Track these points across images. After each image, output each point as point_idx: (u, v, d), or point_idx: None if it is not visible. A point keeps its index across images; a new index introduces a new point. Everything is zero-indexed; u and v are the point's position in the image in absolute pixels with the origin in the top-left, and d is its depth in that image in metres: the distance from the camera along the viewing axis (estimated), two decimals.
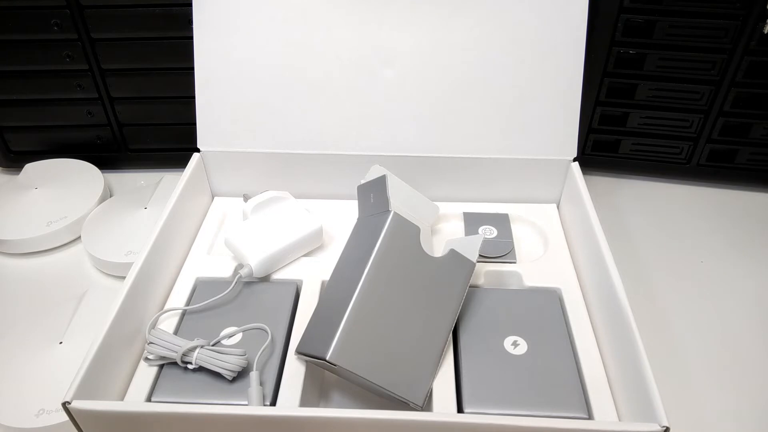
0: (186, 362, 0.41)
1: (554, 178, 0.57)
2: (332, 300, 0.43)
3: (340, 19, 0.54)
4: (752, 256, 0.60)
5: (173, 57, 0.63)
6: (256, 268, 0.48)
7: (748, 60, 0.59)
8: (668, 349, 0.51)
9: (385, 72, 0.55)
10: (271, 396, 0.40)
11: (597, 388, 0.41)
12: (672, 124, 0.65)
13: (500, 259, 0.52)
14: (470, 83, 0.54)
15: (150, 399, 0.41)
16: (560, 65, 0.54)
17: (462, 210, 0.57)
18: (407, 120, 0.55)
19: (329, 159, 0.57)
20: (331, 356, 0.38)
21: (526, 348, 0.43)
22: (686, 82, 0.62)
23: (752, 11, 0.56)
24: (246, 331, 0.45)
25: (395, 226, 0.43)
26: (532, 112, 0.55)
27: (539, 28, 0.53)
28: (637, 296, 0.55)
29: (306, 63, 0.54)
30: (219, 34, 0.54)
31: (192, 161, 0.56)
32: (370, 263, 0.41)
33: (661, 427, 0.34)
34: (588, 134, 0.67)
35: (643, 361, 0.37)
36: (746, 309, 0.55)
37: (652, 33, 0.59)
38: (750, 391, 0.48)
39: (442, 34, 0.54)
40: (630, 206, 0.67)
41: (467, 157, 0.56)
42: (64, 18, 0.61)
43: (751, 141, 0.64)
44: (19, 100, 0.66)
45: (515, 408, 0.39)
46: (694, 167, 0.67)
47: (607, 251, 0.45)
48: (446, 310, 0.43)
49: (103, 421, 0.36)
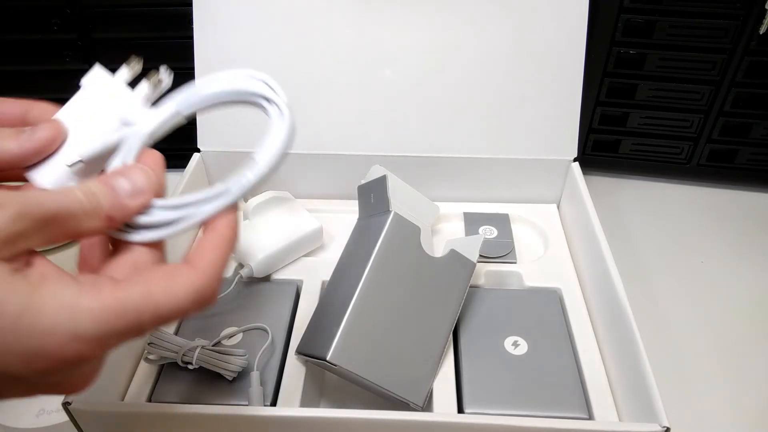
0: (186, 362, 0.41)
1: (554, 178, 0.57)
2: (332, 300, 0.43)
3: (340, 19, 0.53)
4: (752, 256, 0.60)
5: (173, 57, 0.63)
6: (257, 268, 0.48)
7: (748, 60, 0.59)
8: (668, 349, 0.51)
9: (385, 72, 0.54)
10: (271, 396, 0.40)
11: (597, 388, 0.41)
12: (672, 124, 0.65)
13: (500, 259, 0.52)
14: (470, 83, 0.54)
15: (150, 399, 0.41)
16: (560, 65, 0.54)
17: (462, 210, 0.57)
18: (407, 120, 0.55)
19: (329, 159, 0.57)
20: (332, 356, 0.38)
21: (526, 348, 0.43)
22: (686, 82, 0.62)
23: (752, 11, 0.56)
24: (246, 331, 0.45)
25: (395, 226, 0.43)
26: (532, 112, 0.55)
27: (539, 28, 0.53)
28: (637, 296, 0.55)
29: (306, 63, 0.54)
30: (219, 34, 0.54)
31: (192, 161, 0.56)
32: (370, 263, 0.41)
33: (662, 427, 0.34)
34: (588, 134, 0.67)
35: (644, 361, 0.37)
36: (746, 309, 0.55)
37: (652, 33, 0.59)
38: (750, 391, 0.48)
39: (442, 34, 0.54)
40: (630, 206, 0.67)
41: (467, 157, 0.56)
42: (64, 18, 0.61)
43: (751, 141, 0.64)
44: None
45: (515, 408, 0.39)
46: (694, 167, 0.67)
47: (607, 251, 0.45)
48: (446, 310, 0.43)
49: (103, 421, 0.36)
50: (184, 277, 0.24)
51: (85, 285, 0.22)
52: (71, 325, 0.21)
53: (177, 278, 0.24)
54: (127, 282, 0.23)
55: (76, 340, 0.21)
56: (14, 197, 0.22)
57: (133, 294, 0.23)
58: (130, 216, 0.26)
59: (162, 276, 0.24)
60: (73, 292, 0.22)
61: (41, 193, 0.23)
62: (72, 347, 0.21)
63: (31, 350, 0.21)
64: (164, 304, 0.23)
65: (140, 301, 0.23)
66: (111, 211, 0.25)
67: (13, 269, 0.22)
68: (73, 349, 0.22)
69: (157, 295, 0.23)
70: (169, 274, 0.24)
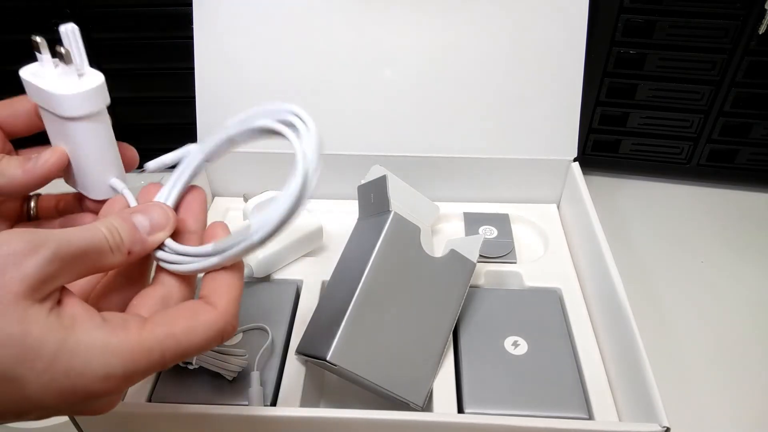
0: (186, 362, 0.41)
1: (554, 178, 0.57)
2: (333, 300, 0.43)
3: (340, 19, 0.53)
4: (752, 256, 0.60)
5: (173, 57, 0.63)
6: (257, 268, 0.48)
7: (748, 60, 0.59)
8: (668, 349, 0.51)
9: (385, 72, 0.54)
10: (271, 396, 0.40)
11: (597, 388, 0.41)
12: (672, 124, 0.65)
13: (500, 259, 0.52)
14: (470, 83, 0.54)
15: (150, 399, 0.41)
16: (560, 65, 0.54)
17: (462, 210, 0.57)
18: (407, 120, 0.55)
19: (329, 159, 0.56)
20: (332, 356, 0.38)
21: (526, 348, 0.43)
22: (686, 82, 0.62)
23: (752, 11, 0.56)
24: (246, 331, 0.45)
25: (395, 226, 0.43)
26: (532, 112, 0.55)
27: (539, 28, 0.53)
28: (637, 296, 0.55)
29: (306, 63, 0.54)
30: (219, 34, 0.54)
31: None
32: (370, 263, 0.41)
33: (662, 427, 0.34)
34: (588, 134, 0.67)
35: (644, 361, 0.37)
36: (746, 309, 0.55)
37: (652, 33, 0.59)
38: (750, 391, 0.48)
39: (442, 34, 0.54)
40: (630, 206, 0.67)
41: (467, 157, 0.56)
42: (64, 18, 0.60)
43: (752, 141, 0.64)
44: None
45: (515, 408, 0.39)
46: (694, 167, 0.67)
47: (607, 251, 0.45)
48: (446, 310, 0.43)
49: (103, 421, 0.36)
50: (205, 317, 0.27)
51: (114, 326, 0.25)
52: (102, 366, 0.24)
53: (200, 318, 0.27)
54: (152, 323, 0.26)
55: (106, 380, 0.24)
56: (49, 237, 0.23)
57: (159, 335, 0.25)
58: (148, 251, 0.28)
59: (186, 317, 0.26)
60: (104, 334, 0.24)
61: (69, 231, 0.25)
62: (101, 385, 0.24)
63: (65, 388, 0.23)
64: (187, 343, 0.26)
65: (164, 341, 0.25)
66: (132, 246, 0.27)
67: (48, 310, 0.23)
68: (103, 386, 0.24)
69: (179, 336, 0.26)
70: (192, 316, 0.27)
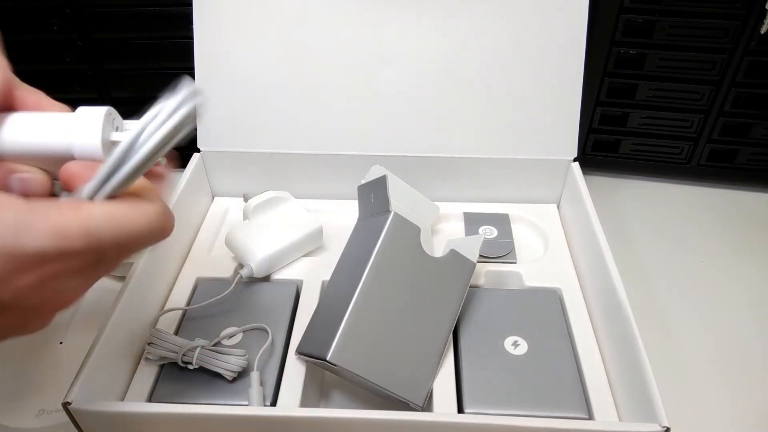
0: (186, 362, 0.41)
1: (554, 178, 0.57)
2: (332, 300, 0.43)
3: (340, 19, 0.53)
4: (752, 256, 0.60)
5: (173, 57, 0.63)
6: (257, 268, 0.48)
7: (748, 60, 0.59)
8: (668, 349, 0.51)
9: (385, 72, 0.54)
10: (271, 396, 0.40)
11: (597, 388, 0.41)
12: (672, 124, 0.65)
13: (500, 259, 0.52)
14: (470, 83, 0.54)
15: (150, 399, 0.41)
16: (560, 65, 0.54)
17: (462, 210, 0.57)
18: (407, 120, 0.55)
19: (329, 159, 0.57)
20: (332, 356, 0.38)
21: (526, 348, 0.43)
22: (686, 82, 0.62)
23: (752, 11, 0.56)
24: (246, 331, 0.45)
25: (395, 226, 0.43)
26: (532, 112, 0.55)
27: (539, 28, 0.53)
28: (637, 296, 0.55)
29: (306, 63, 0.54)
30: (219, 34, 0.54)
31: (192, 161, 0.56)
32: (370, 263, 0.41)
33: (662, 427, 0.34)
34: (588, 134, 0.67)
35: (644, 361, 0.37)
36: (746, 309, 0.55)
37: (652, 33, 0.59)
38: (750, 391, 0.48)
39: (442, 34, 0.54)
40: (630, 206, 0.67)
41: (467, 157, 0.56)
42: (64, 18, 0.61)
43: (752, 141, 0.64)
44: None
45: (515, 408, 0.39)
46: (694, 167, 0.67)
47: (607, 251, 0.45)
48: (446, 310, 0.43)
49: (103, 421, 0.36)
50: (148, 206, 0.27)
51: (44, 203, 0.25)
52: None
53: (143, 206, 0.27)
54: (90, 204, 0.26)
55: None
56: None
57: (99, 215, 0.25)
58: None
59: (128, 202, 0.26)
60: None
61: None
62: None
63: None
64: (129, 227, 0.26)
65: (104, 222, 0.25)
66: None
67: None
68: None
69: (122, 218, 0.26)
70: (135, 202, 0.27)
